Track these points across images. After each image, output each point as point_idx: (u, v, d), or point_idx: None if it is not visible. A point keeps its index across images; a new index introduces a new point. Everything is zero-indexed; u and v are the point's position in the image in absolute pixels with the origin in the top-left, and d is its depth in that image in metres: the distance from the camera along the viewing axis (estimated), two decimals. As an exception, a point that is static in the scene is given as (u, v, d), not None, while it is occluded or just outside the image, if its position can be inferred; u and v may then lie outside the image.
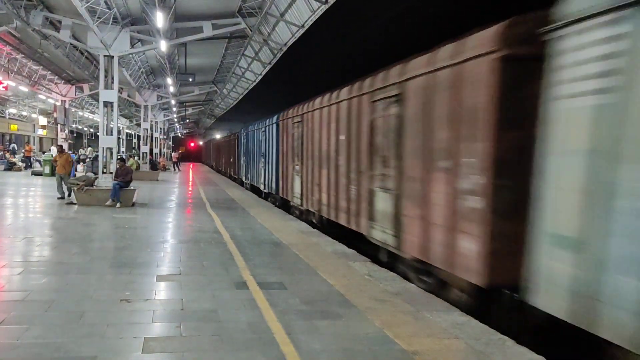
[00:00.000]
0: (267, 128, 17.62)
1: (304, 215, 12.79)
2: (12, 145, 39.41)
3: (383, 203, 7.68)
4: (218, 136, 52.83)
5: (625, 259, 3.47)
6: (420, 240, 6.39)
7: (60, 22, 15.01)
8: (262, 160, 18.39)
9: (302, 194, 12.78)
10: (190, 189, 22.01)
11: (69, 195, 14.32)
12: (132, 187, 14.21)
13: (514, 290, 4.85)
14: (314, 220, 11.83)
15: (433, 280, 6.31)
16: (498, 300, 5.26)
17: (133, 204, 13.90)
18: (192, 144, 77.00)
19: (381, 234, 7.71)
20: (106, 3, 13.39)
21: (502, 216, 4.99)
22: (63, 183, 14.43)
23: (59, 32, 15.02)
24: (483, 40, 5.17)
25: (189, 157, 67.30)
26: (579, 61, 3.87)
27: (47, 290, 5.49)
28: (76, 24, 14.61)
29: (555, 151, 4.12)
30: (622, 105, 3.52)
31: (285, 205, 15.11)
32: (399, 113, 7.13)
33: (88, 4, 12.35)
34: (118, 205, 13.28)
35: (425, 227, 6.29)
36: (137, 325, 4.55)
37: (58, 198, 14.29)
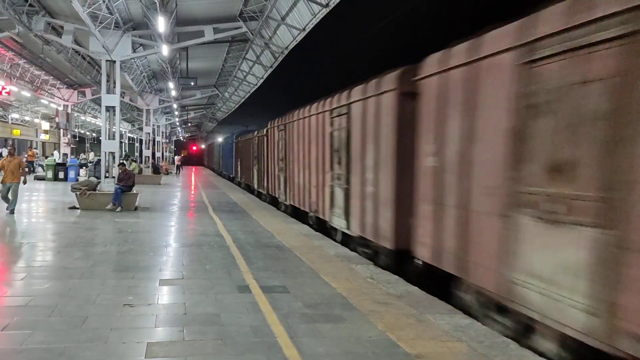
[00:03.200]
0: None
1: None
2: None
3: None
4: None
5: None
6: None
7: (62, 27, 15.08)
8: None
9: None
10: (192, 192, 22.03)
11: (10, 211, 11.91)
12: (134, 191, 14.24)
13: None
14: None
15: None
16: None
17: (136, 208, 13.92)
18: (194, 148, 76.92)
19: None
20: (108, 8, 13.44)
21: None
22: (10, 193, 11.89)
23: (61, 37, 15.08)
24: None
25: (191, 160, 66.87)
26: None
27: (50, 295, 5.49)
28: (78, 29, 14.68)
29: None
30: None
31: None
32: None
33: (90, 10, 12.41)
34: (119, 209, 13.29)
35: None
36: (140, 329, 4.56)
37: (7, 209, 11.94)
